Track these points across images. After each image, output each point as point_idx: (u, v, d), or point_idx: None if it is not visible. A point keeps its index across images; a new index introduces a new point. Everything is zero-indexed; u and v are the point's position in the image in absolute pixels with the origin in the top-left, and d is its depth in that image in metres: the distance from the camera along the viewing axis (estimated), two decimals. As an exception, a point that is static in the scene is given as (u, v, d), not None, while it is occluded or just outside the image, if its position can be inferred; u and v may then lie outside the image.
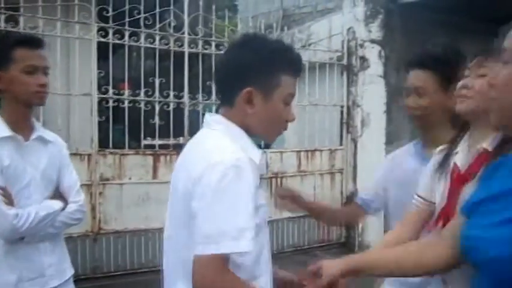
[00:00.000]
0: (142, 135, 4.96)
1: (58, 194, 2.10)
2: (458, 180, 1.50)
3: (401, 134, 6.50)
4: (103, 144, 4.77)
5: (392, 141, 6.20)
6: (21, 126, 2.01)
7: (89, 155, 4.55)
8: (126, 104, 4.74)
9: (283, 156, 5.65)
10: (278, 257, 4.67)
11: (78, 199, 2.14)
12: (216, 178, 1.29)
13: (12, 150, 1.96)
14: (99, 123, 4.68)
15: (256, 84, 1.42)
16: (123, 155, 4.73)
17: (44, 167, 2.05)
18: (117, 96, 4.71)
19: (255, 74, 1.43)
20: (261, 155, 1.46)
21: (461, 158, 1.53)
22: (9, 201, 1.90)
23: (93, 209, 4.53)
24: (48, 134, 2.13)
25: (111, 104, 4.68)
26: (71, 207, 2.09)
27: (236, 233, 1.27)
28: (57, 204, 2.04)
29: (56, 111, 4.46)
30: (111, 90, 4.67)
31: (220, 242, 1.26)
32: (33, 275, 1.97)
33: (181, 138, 5.04)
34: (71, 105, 4.77)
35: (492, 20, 5.63)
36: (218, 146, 1.39)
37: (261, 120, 1.45)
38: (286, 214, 4.99)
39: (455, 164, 1.54)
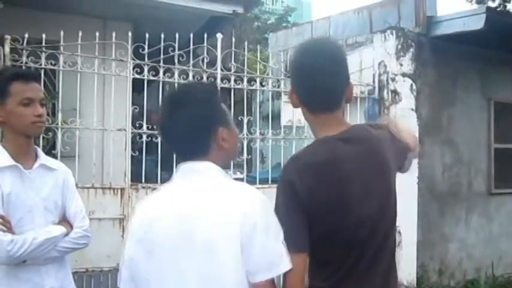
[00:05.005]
0: (174, 169, 4.98)
1: (64, 219, 2.22)
2: None
3: (434, 168, 6.39)
4: (136, 178, 4.83)
5: (424, 175, 6.09)
6: (23, 156, 2.13)
7: (122, 189, 4.61)
8: (159, 138, 4.81)
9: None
10: None
11: (82, 224, 2.24)
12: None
13: (15, 179, 2.07)
14: (132, 157, 4.75)
15: (219, 121, 1.63)
16: (155, 188, 4.77)
17: (47, 193, 2.16)
18: (151, 132, 4.79)
19: (217, 115, 1.65)
20: None
21: None
22: (8, 228, 1.99)
23: (125, 242, 4.56)
24: (53, 163, 2.27)
25: (144, 138, 4.77)
26: (77, 232, 2.20)
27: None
28: (58, 230, 2.14)
29: (91, 146, 4.57)
30: (145, 126, 4.76)
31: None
32: None
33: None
34: (105, 140, 4.87)
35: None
36: (243, 187, 1.62)
37: (233, 145, 1.69)
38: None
39: None
